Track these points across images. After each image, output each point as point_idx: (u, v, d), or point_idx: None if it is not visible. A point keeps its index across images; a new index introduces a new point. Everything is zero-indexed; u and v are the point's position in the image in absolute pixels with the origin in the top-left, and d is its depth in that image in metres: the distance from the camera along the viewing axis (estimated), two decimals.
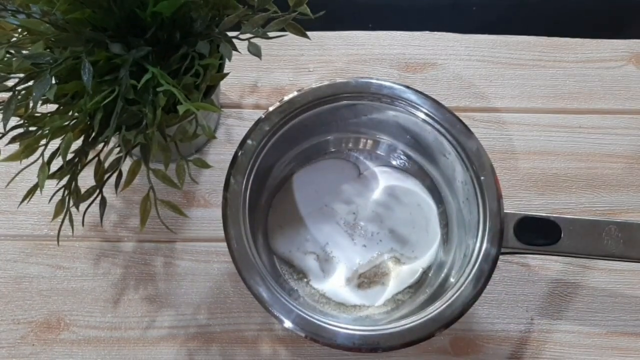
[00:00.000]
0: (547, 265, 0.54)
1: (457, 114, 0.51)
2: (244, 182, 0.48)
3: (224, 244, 0.46)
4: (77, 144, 0.43)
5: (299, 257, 0.52)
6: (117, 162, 0.44)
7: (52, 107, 0.43)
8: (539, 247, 0.46)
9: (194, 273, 0.53)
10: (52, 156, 0.43)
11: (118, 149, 0.45)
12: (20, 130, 0.42)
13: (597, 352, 0.52)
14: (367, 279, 0.52)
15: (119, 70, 0.42)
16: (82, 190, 0.45)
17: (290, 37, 0.47)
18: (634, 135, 0.59)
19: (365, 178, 0.55)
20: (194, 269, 0.53)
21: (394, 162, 0.57)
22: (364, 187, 0.55)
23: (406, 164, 0.56)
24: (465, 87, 0.61)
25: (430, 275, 0.52)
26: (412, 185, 0.55)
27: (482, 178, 0.48)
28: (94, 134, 0.43)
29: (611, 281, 0.54)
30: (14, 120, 0.41)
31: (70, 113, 0.43)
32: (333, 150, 0.57)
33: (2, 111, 0.40)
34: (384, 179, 0.55)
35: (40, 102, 0.40)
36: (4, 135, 0.42)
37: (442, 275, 0.50)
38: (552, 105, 0.60)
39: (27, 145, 0.42)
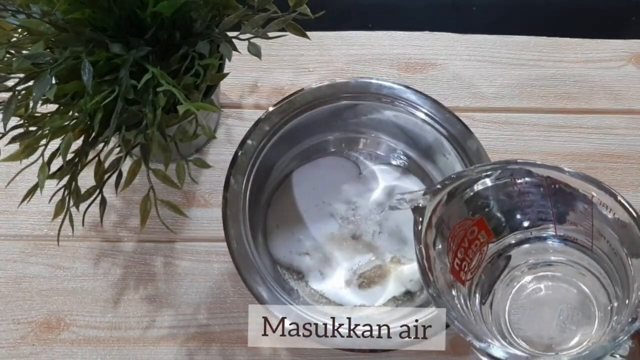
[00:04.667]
0: None
1: (457, 114, 0.51)
2: (244, 182, 0.48)
3: (224, 244, 0.46)
4: (77, 144, 0.44)
5: (297, 259, 0.52)
6: (117, 162, 0.44)
7: (52, 107, 0.43)
8: None
9: (194, 273, 0.53)
10: (52, 156, 0.43)
11: (118, 149, 0.45)
12: (21, 130, 0.42)
13: None
14: (367, 279, 0.52)
15: (119, 70, 0.42)
16: (82, 190, 0.45)
17: (290, 37, 0.47)
18: (634, 136, 0.59)
19: (365, 177, 0.55)
20: (194, 269, 0.53)
21: (393, 162, 0.56)
22: (364, 186, 0.55)
23: (406, 163, 0.56)
24: (465, 87, 0.61)
25: None
26: (413, 185, 0.55)
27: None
28: (94, 134, 0.43)
29: None
30: (14, 120, 0.42)
31: (70, 113, 0.43)
32: (333, 150, 0.57)
33: (2, 111, 0.40)
34: (384, 179, 0.55)
35: (40, 102, 0.40)
36: (4, 135, 0.42)
37: None
38: (552, 105, 0.60)
39: (27, 145, 0.42)
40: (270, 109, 0.50)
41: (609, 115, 0.60)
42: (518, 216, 0.43)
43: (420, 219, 0.40)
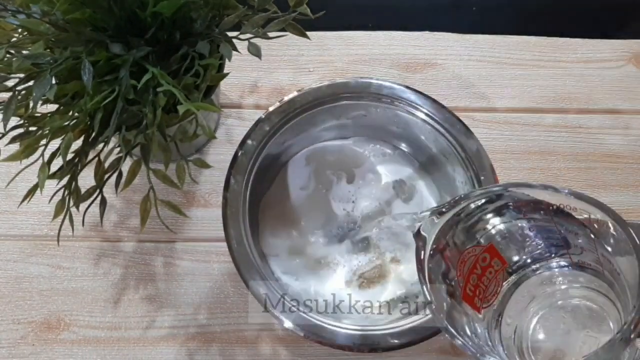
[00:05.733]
0: None
1: (457, 114, 0.51)
2: (244, 182, 0.48)
3: (224, 244, 0.47)
4: (77, 144, 0.44)
5: (294, 258, 0.52)
6: (117, 162, 0.44)
7: (52, 107, 0.43)
8: None
9: (194, 273, 0.53)
10: (52, 156, 0.43)
11: (118, 149, 0.45)
12: (21, 130, 0.42)
13: None
14: (367, 279, 0.52)
15: (119, 70, 0.42)
16: (82, 190, 0.45)
17: (290, 37, 0.47)
18: (634, 136, 0.59)
19: (366, 175, 0.55)
20: (194, 269, 0.53)
21: (394, 162, 0.56)
22: (364, 185, 0.55)
23: (406, 164, 0.56)
24: (465, 87, 0.61)
25: None
26: (413, 184, 0.55)
27: (482, 178, 0.48)
28: (94, 134, 0.43)
29: None
30: (14, 120, 0.42)
31: (70, 113, 0.43)
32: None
33: (2, 111, 0.40)
34: (385, 177, 0.55)
35: (40, 102, 0.40)
36: (4, 135, 0.42)
37: None
38: (552, 105, 0.60)
39: (27, 145, 0.42)
40: (270, 109, 0.50)
41: (608, 115, 0.60)
42: (530, 243, 0.43)
43: (422, 244, 0.39)
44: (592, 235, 0.39)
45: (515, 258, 0.43)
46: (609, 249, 0.38)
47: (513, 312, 0.43)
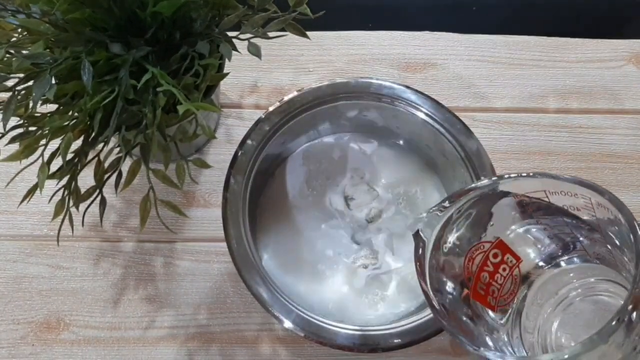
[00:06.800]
0: None
1: (457, 114, 0.51)
2: (244, 182, 0.48)
3: (224, 244, 0.47)
4: (77, 144, 0.44)
5: (293, 257, 0.52)
6: (117, 162, 0.44)
7: (52, 107, 0.43)
8: None
9: (194, 273, 0.53)
10: (52, 156, 0.43)
11: (118, 149, 0.45)
12: (20, 130, 0.42)
13: None
14: (367, 279, 0.52)
15: (119, 70, 0.42)
16: (82, 190, 0.45)
17: (290, 37, 0.47)
18: (634, 136, 0.59)
19: (365, 174, 0.55)
20: (193, 269, 0.53)
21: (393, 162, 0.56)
22: (363, 184, 0.55)
23: (406, 163, 0.56)
24: (465, 87, 0.61)
25: None
26: (413, 184, 0.55)
27: (482, 178, 0.48)
28: (93, 134, 0.43)
29: None
30: (13, 120, 0.42)
31: (70, 113, 0.43)
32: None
33: (2, 111, 0.40)
34: (384, 177, 0.55)
35: (40, 102, 0.40)
36: (3, 135, 0.42)
37: None
38: (552, 105, 0.60)
39: (27, 145, 0.42)
40: (270, 109, 0.50)
41: (609, 115, 0.60)
42: (542, 237, 0.41)
43: (422, 245, 0.38)
44: (598, 225, 0.38)
45: (530, 254, 0.42)
46: (612, 235, 0.38)
47: (533, 310, 0.42)
